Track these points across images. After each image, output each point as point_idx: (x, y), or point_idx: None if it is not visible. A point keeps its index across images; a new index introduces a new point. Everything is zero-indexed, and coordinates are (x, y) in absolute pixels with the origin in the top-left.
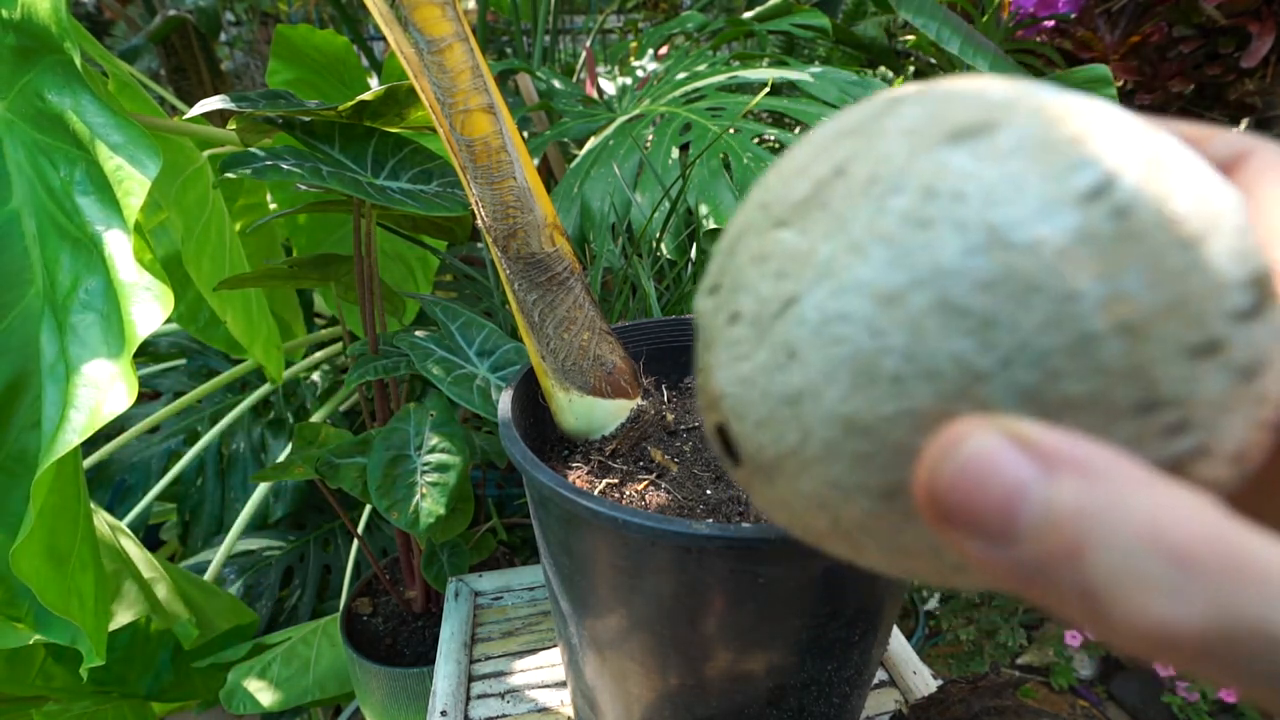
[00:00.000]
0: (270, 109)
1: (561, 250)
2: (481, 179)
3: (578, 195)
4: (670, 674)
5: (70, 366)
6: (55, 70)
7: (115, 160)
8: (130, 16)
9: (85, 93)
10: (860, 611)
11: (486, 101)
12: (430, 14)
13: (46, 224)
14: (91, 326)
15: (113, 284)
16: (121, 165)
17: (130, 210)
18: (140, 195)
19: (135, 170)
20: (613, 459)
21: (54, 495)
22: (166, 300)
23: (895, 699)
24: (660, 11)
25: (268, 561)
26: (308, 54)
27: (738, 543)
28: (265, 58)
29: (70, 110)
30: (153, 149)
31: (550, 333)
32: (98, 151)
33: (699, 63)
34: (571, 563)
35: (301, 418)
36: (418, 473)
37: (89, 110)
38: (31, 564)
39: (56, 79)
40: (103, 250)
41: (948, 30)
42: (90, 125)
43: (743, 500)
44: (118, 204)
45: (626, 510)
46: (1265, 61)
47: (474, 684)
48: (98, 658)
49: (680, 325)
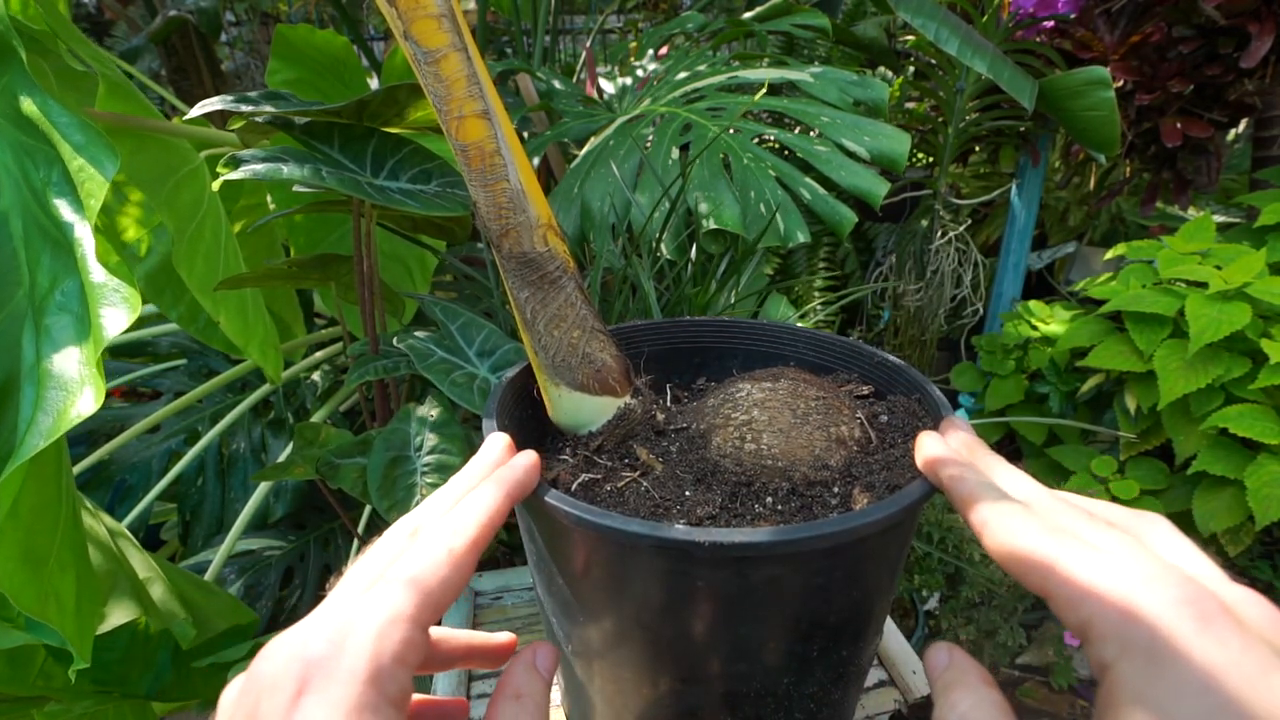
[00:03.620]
0: (270, 109)
1: (554, 250)
2: (476, 181)
3: (578, 195)
4: (645, 681)
5: (42, 368)
6: (22, 71)
7: (78, 160)
8: (131, 17)
9: (45, 93)
10: (816, 626)
11: (481, 108)
12: (427, 26)
13: (31, 225)
14: (65, 329)
15: (85, 286)
16: (84, 166)
17: (91, 210)
18: (100, 196)
19: (95, 171)
20: (598, 454)
21: (32, 497)
22: (134, 303)
23: (895, 699)
24: (660, 11)
25: (268, 561)
26: (308, 54)
27: (668, 543)
28: (265, 58)
29: (39, 110)
30: (110, 149)
31: (541, 329)
32: (63, 151)
33: (699, 63)
34: (532, 543)
35: (301, 418)
36: (418, 473)
37: (53, 110)
38: (4, 566)
39: (26, 80)
40: (76, 252)
41: (946, 31)
42: (55, 125)
43: (721, 504)
44: (83, 205)
45: (568, 501)
46: (1265, 61)
47: (474, 684)
48: (82, 660)
49: (688, 326)
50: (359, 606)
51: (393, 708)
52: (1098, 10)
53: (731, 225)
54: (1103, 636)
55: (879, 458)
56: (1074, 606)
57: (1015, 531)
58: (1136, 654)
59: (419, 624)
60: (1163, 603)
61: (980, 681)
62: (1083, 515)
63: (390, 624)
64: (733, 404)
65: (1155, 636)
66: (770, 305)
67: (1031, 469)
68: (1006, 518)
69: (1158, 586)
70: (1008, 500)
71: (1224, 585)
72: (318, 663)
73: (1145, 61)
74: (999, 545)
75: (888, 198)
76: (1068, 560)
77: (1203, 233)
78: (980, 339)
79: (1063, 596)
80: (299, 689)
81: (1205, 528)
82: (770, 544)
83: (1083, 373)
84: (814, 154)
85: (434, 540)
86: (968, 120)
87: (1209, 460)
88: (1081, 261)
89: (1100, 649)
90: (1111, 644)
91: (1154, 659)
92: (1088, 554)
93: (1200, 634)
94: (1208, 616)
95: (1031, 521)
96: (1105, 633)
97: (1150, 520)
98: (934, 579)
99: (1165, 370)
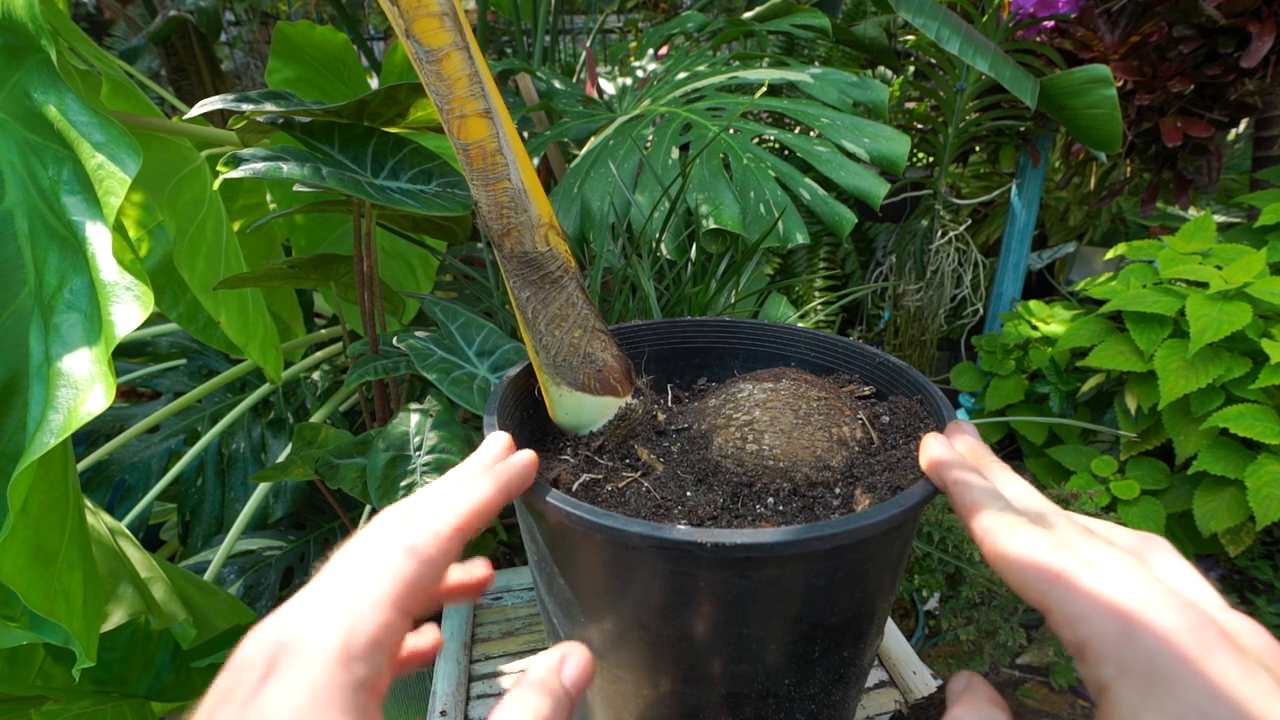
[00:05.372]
0: (271, 109)
1: (556, 249)
2: (478, 180)
3: (578, 195)
4: (647, 681)
5: (52, 367)
6: (40, 69)
7: (97, 158)
8: (130, 16)
9: (67, 91)
10: (817, 627)
11: (483, 107)
12: (429, 25)
13: (37, 223)
14: (74, 327)
15: (95, 284)
16: (103, 164)
17: (110, 209)
18: (120, 194)
19: (116, 169)
20: (599, 454)
21: (41, 495)
22: (147, 300)
23: (895, 699)
24: (660, 11)
25: (268, 561)
26: (307, 52)
27: (669, 544)
28: (265, 58)
29: (55, 108)
30: (133, 147)
31: (542, 329)
32: (80, 150)
33: (699, 63)
34: (532, 544)
35: (301, 418)
36: (417, 473)
37: (72, 108)
38: (14, 564)
39: (42, 78)
40: (87, 250)
41: (947, 30)
42: (74, 124)
43: (722, 504)
44: (99, 203)
45: (569, 501)
46: (1265, 61)
47: (474, 684)
48: (88, 659)
49: (689, 326)
50: (339, 588)
51: (363, 690)
52: (1098, 10)
53: (731, 225)
54: (1101, 657)
55: (881, 459)
56: (1072, 624)
57: (1017, 543)
58: (1135, 676)
59: (397, 607)
60: (1163, 626)
61: (988, 700)
62: (1085, 532)
63: (367, 606)
64: (734, 404)
65: (1154, 659)
66: (770, 305)
67: (1031, 469)
68: (1009, 528)
69: (1158, 609)
70: (1011, 510)
71: (1223, 612)
72: (291, 643)
73: (1145, 61)
74: (1000, 555)
75: (888, 198)
76: (1069, 576)
77: (1203, 233)
78: (980, 339)
79: (1061, 612)
80: (269, 669)
81: (1205, 528)
82: (773, 545)
83: (1083, 373)
84: (814, 154)
85: (421, 524)
86: (968, 120)
87: (1209, 460)
88: (1082, 261)
89: (1098, 669)
90: (1110, 665)
91: (1153, 682)
92: (1089, 572)
93: (1200, 659)
94: (1208, 642)
95: (1034, 534)
96: (1104, 653)
97: (1152, 543)
98: (934, 579)
99: (1165, 370)
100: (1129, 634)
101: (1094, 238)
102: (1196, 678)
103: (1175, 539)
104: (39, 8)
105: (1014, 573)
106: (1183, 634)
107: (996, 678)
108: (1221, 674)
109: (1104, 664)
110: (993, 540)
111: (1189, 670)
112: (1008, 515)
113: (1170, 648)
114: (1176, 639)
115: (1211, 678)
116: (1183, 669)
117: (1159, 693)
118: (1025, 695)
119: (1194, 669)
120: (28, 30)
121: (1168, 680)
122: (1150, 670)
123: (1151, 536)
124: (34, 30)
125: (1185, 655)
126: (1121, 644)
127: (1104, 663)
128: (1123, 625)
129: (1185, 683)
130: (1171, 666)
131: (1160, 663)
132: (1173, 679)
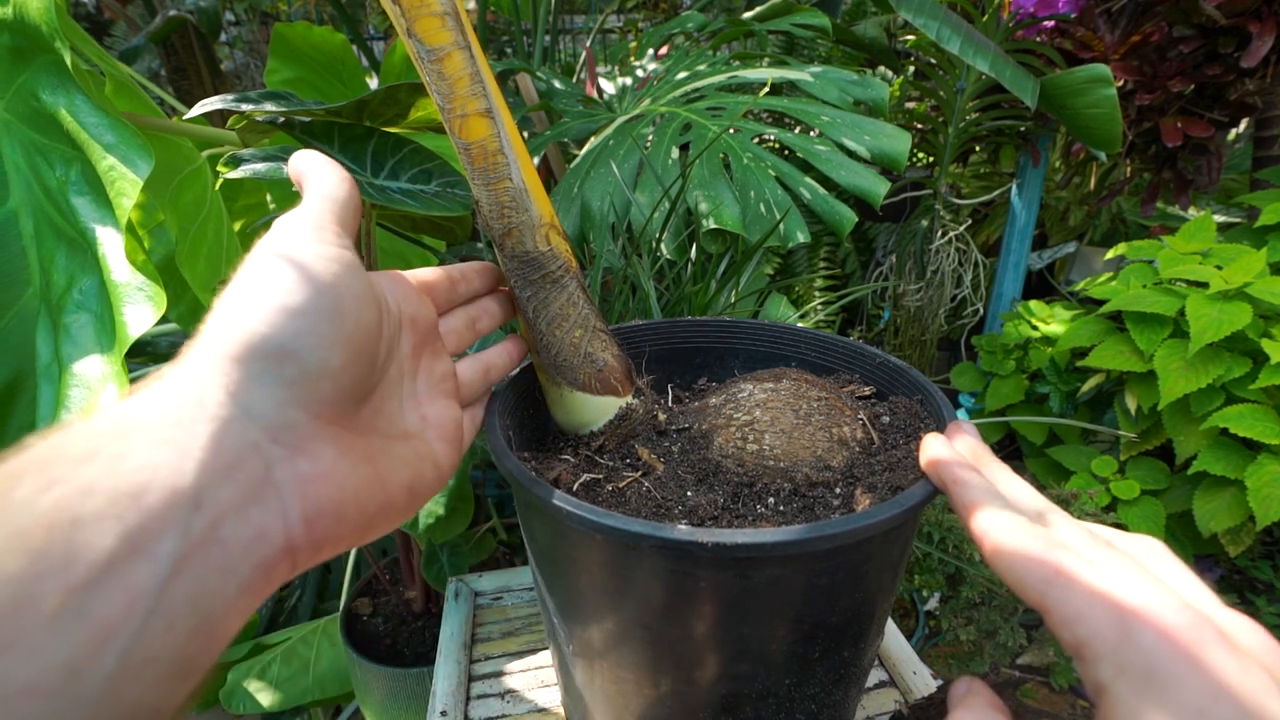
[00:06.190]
0: (271, 108)
1: (556, 249)
2: (479, 180)
3: (578, 195)
4: (648, 681)
5: (63, 367)
6: (49, 70)
7: (108, 160)
8: (130, 17)
9: (78, 93)
10: (818, 627)
11: (484, 106)
12: (431, 24)
13: (43, 224)
14: (85, 327)
15: (106, 284)
16: (114, 165)
17: (123, 210)
18: (133, 195)
19: (128, 170)
20: (599, 454)
21: None
22: (159, 300)
23: (895, 699)
24: (660, 11)
25: None
26: (306, 52)
27: (670, 543)
28: (265, 58)
29: (64, 110)
30: (145, 149)
31: (543, 329)
32: (91, 151)
33: (699, 63)
34: (533, 543)
35: None
36: None
37: (82, 110)
38: None
39: (51, 79)
40: (97, 250)
41: (948, 30)
42: (84, 125)
43: (723, 504)
44: (110, 204)
45: (570, 501)
46: (1265, 61)
47: (474, 684)
48: None
49: (689, 326)
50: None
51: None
52: (1098, 10)
53: (731, 225)
54: (1099, 657)
55: (881, 459)
56: (1070, 623)
57: (1015, 542)
58: (1133, 675)
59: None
60: (1161, 625)
61: (989, 705)
62: (1084, 533)
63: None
64: (735, 404)
65: (1153, 658)
66: (770, 305)
67: (1031, 469)
68: (1008, 528)
69: (1156, 609)
70: (1010, 510)
71: (1220, 611)
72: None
73: (1145, 61)
74: (998, 555)
75: (888, 198)
76: (1067, 575)
77: (1203, 232)
78: (980, 339)
79: (1059, 612)
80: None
81: (1205, 528)
82: (773, 545)
83: (1083, 373)
84: (814, 153)
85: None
86: (968, 120)
87: (1209, 460)
88: (1082, 261)
89: (1097, 669)
90: (1108, 665)
91: (1151, 681)
92: (1087, 571)
93: (1198, 658)
94: (1205, 641)
95: (1033, 534)
96: (1102, 653)
97: (1148, 545)
98: (934, 579)
99: (1166, 370)
100: (1127, 633)
101: (1094, 238)
102: (1195, 676)
103: (1175, 539)
104: (53, 10)
105: (1012, 572)
106: (1181, 633)
107: (996, 678)
108: (1220, 673)
109: (1102, 663)
110: (991, 539)
111: (1187, 669)
112: (1006, 515)
113: (1168, 647)
114: (1175, 638)
115: (1210, 676)
116: (1181, 668)
117: (1157, 692)
118: (1025, 695)
119: (1192, 668)
120: (41, 32)
121: (1166, 679)
122: (1149, 669)
123: (1147, 539)
124: (48, 33)
125: (1183, 654)
126: (1120, 643)
127: (1102, 662)
128: (1121, 624)
129: (1184, 682)
130: (1170, 665)
131: (1159, 662)
132: (1171, 678)
